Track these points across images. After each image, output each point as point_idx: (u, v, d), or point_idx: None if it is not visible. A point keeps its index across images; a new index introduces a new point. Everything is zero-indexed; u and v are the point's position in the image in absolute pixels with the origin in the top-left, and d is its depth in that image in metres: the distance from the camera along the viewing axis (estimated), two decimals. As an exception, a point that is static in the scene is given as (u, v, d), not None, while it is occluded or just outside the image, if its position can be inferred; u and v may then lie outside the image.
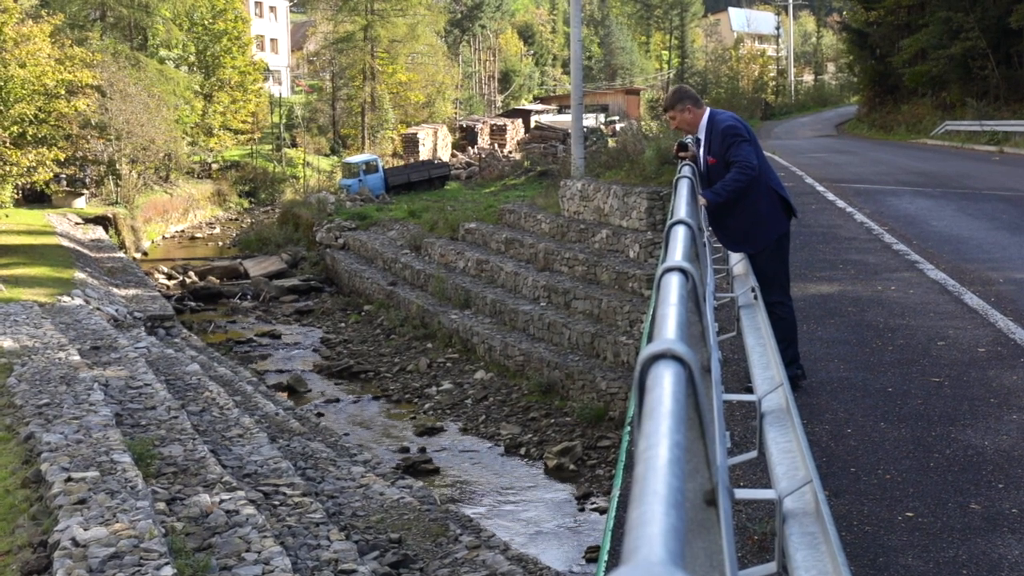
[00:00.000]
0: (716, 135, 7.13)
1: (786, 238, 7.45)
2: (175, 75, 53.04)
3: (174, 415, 13.12)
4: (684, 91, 7.48)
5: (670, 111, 7.36)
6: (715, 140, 7.14)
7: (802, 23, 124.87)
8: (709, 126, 7.19)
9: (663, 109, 7.57)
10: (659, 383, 1.59)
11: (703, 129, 7.23)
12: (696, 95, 7.46)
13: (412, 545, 11.59)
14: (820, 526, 2.83)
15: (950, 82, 45.90)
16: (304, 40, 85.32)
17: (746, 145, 7.10)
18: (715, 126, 7.17)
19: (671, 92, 7.57)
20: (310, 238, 38.78)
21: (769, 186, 7.30)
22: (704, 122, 7.26)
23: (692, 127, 7.34)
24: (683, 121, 7.31)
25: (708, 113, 7.31)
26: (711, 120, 7.21)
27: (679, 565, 1.07)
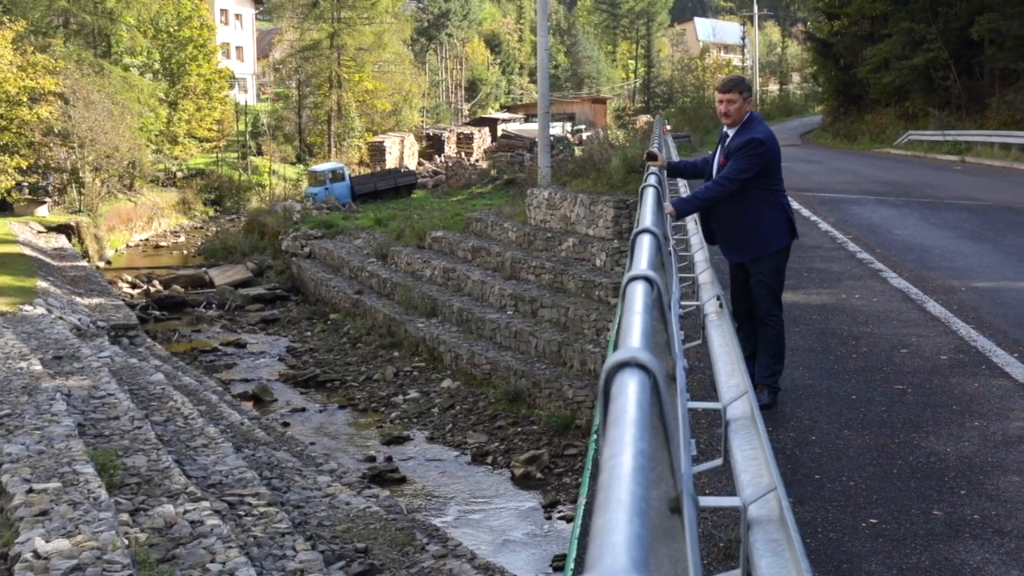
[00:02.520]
0: (740, 139, 6.99)
1: (785, 252, 7.27)
2: (139, 82, 52.67)
3: (138, 425, 13.00)
4: (747, 83, 7.30)
5: (731, 92, 7.02)
6: (736, 143, 7.00)
7: (767, 33, 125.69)
8: (743, 128, 7.04)
9: (725, 89, 7.05)
10: (623, 391, 1.59)
11: (736, 127, 7.08)
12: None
13: (378, 555, 11.54)
14: (784, 533, 2.83)
15: (913, 92, 46.32)
16: (270, 48, 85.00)
17: (755, 160, 6.94)
18: (748, 130, 7.03)
19: (736, 77, 7.34)
20: (276, 247, 38.61)
21: (780, 203, 7.16)
22: (741, 122, 7.09)
23: (735, 119, 7.06)
24: (732, 108, 7.03)
25: (749, 115, 7.14)
26: (747, 123, 7.06)
27: (643, 573, 1.06)
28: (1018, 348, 8.53)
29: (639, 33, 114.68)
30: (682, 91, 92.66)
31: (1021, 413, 6.87)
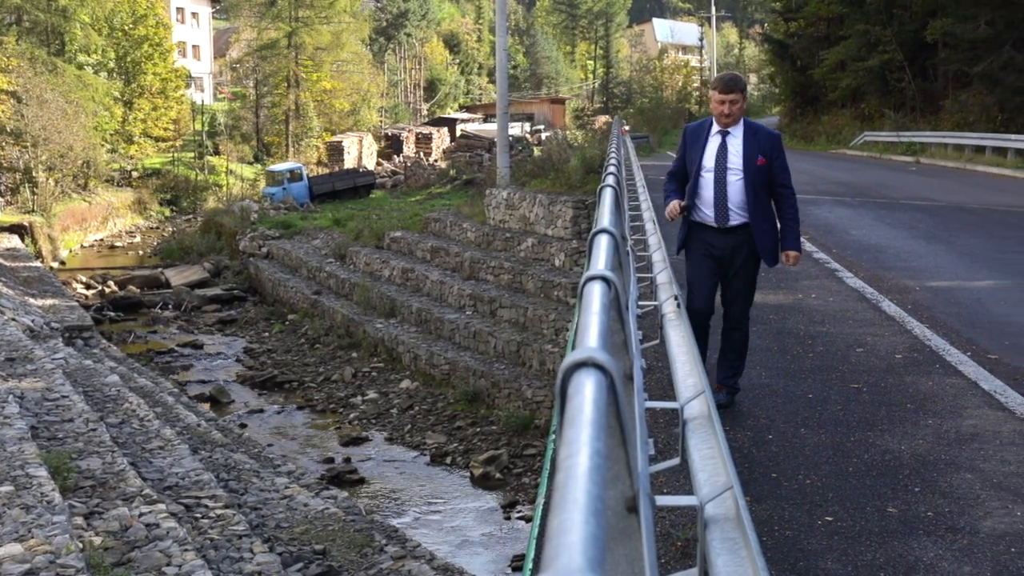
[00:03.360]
0: (763, 137, 6.93)
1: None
2: (94, 81, 52.17)
3: (92, 427, 12.86)
4: (745, 82, 7.16)
5: (735, 92, 6.84)
6: (763, 142, 6.89)
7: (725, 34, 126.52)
8: (748, 126, 6.95)
9: (728, 89, 6.82)
10: (580, 391, 1.59)
11: (740, 127, 6.91)
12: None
13: (337, 556, 11.49)
14: (741, 531, 2.85)
15: (868, 94, 46.83)
16: (227, 47, 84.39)
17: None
18: (757, 128, 7.01)
19: (737, 76, 7.10)
20: (233, 247, 38.36)
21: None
22: (741, 121, 6.98)
23: (736, 119, 6.90)
24: (736, 109, 6.86)
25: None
26: (748, 121, 7.00)
27: (598, 572, 1.06)
28: (971, 347, 8.64)
29: (598, 34, 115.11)
30: (640, 92, 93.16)
31: (974, 411, 6.95)
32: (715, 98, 6.92)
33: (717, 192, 6.89)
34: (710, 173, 6.91)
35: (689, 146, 7.09)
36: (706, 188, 6.93)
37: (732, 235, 6.92)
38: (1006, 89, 35.26)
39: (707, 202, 6.94)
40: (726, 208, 6.89)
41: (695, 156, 7.00)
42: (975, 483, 5.70)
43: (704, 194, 6.95)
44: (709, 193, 6.92)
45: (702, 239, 7.01)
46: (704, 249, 7.02)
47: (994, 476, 5.79)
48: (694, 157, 7.01)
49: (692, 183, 7.02)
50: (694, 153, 7.02)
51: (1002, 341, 8.85)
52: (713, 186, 6.90)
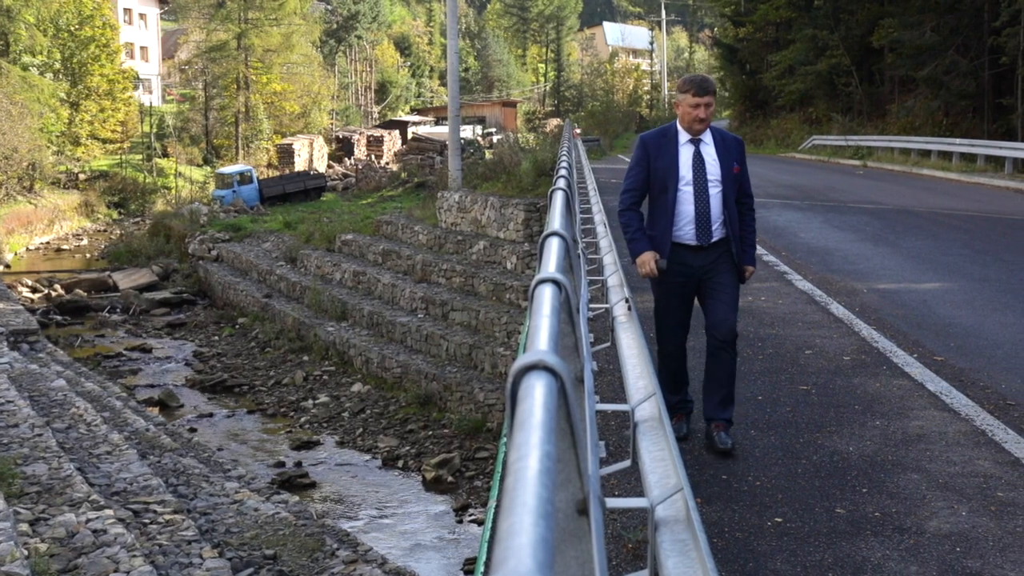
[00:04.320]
0: (731, 143, 6.41)
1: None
2: (39, 82, 51.53)
3: (38, 432, 12.69)
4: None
5: (710, 95, 6.25)
6: (732, 148, 6.37)
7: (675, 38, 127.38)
8: (714, 132, 6.38)
9: (704, 91, 6.22)
10: (530, 394, 1.59)
11: (707, 133, 6.32)
12: None
13: (288, 561, 11.42)
14: (691, 533, 2.86)
15: (817, 98, 47.36)
16: (175, 48, 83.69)
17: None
18: (723, 133, 6.45)
19: (708, 78, 6.48)
20: (182, 250, 38.04)
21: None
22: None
23: (707, 124, 6.33)
24: (710, 113, 6.29)
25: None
26: (711, 126, 6.42)
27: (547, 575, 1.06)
28: (917, 348, 8.74)
29: (549, 37, 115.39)
30: (591, 95, 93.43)
31: (920, 412, 7.03)
32: (688, 102, 6.24)
33: (699, 207, 6.26)
34: (689, 187, 6.25)
35: (654, 158, 6.34)
36: (685, 203, 6.26)
37: (711, 252, 6.31)
38: (951, 93, 35.79)
39: (686, 219, 6.27)
40: (708, 224, 6.27)
41: (665, 169, 6.28)
42: (921, 484, 5.76)
43: (683, 210, 6.26)
44: (689, 208, 6.26)
45: (677, 262, 6.28)
46: (677, 274, 6.31)
47: (940, 476, 5.87)
48: (664, 170, 6.28)
49: (663, 200, 6.31)
50: (663, 165, 6.29)
51: (947, 343, 8.97)
52: (694, 201, 6.25)
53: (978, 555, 4.82)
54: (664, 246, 6.28)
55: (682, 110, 6.34)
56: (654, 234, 6.35)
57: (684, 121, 6.32)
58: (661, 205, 6.34)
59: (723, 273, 6.36)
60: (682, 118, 6.34)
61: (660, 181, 6.31)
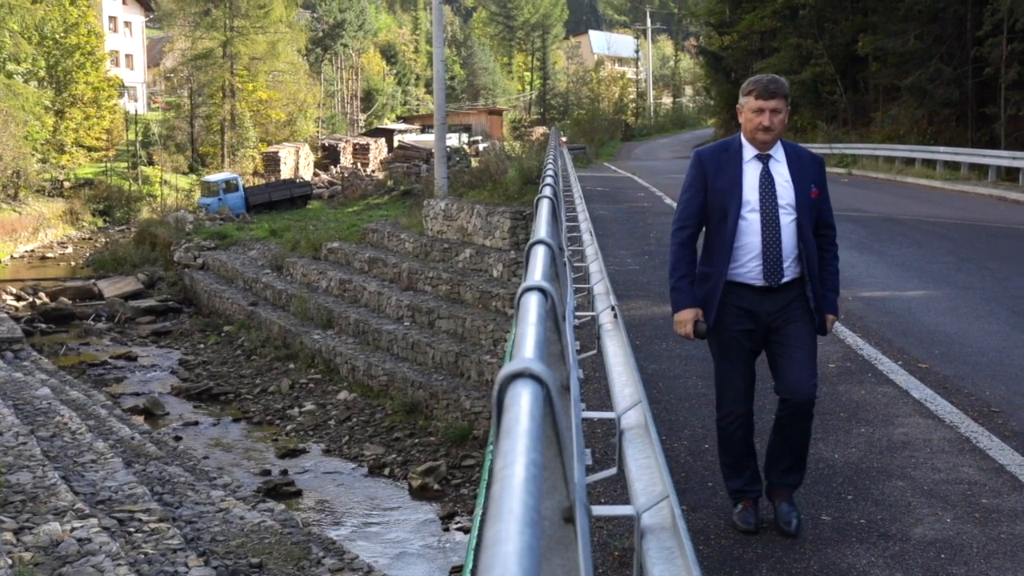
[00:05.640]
0: (808, 162, 5.27)
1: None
2: (24, 90, 51.35)
3: (22, 441, 12.65)
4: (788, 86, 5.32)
5: (778, 99, 5.11)
6: (809, 167, 5.25)
7: (660, 47, 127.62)
8: (788, 148, 5.26)
9: (770, 93, 5.06)
10: (516, 402, 1.59)
11: (779, 148, 5.22)
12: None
13: (273, 569, 11.39)
14: (677, 541, 2.87)
15: (801, 106, 47.48)
16: (161, 56, 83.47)
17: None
18: (798, 150, 5.32)
19: (779, 78, 5.26)
20: (168, 258, 37.95)
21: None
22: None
23: (778, 137, 5.21)
24: (778, 121, 5.13)
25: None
26: (784, 140, 5.30)
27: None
28: (902, 356, 8.78)
29: (534, 45, 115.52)
30: (577, 103, 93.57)
31: (905, 419, 7.06)
32: (750, 106, 5.13)
33: (767, 238, 5.09)
34: (755, 213, 5.09)
35: (713, 178, 5.18)
36: (749, 234, 5.09)
37: (781, 295, 5.15)
38: (935, 102, 35.97)
39: (750, 253, 5.09)
40: (779, 260, 5.10)
41: (725, 191, 5.12)
42: (906, 491, 5.79)
43: (747, 242, 5.09)
44: (754, 240, 5.09)
45: (737, 305, 5.13)
46: (739, 320, 5.15)
47: (925, 483, 5.89)
48: (723, 192, 5.12)
49: (722, 230, 5.14)
50: (723, 186, 5.13)
51: (932, 350, 9.01)
52: (761, 230, 5.09)
53: (963, 562, 4.85)
54: (714, 290, 5.13)
55: (744, 117, 5.20)
56: (709, 271, 5.17)
57: (747, 131, 5.19)
58: (719, 236, 5.16)
59: (797, 323, 5.17)
60: (745, 127, 5.20)
61: (719, 206, 5.13)
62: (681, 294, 5.19)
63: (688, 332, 5.15)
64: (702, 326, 5.14)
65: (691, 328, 5.13)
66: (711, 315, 5.14)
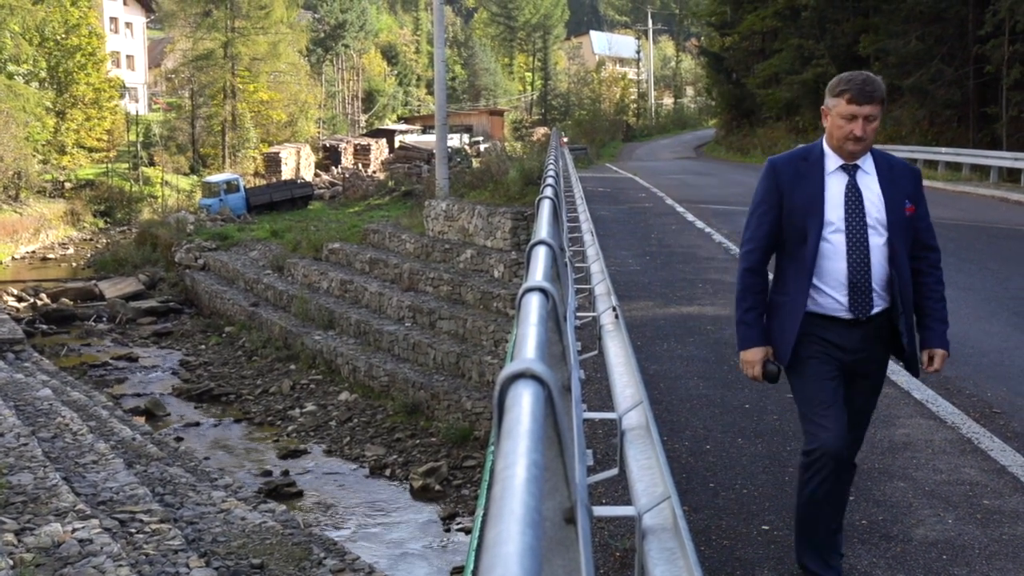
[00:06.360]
0: (901, 172, 4.50)
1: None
2: (25, 91, 51.37)
3: (23, 442, 12.65)
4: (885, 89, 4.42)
5: (874, 104, 4.28)
6: (902, 179, 4.48)
7: (662, 47, 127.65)
8: (879, 157, 4.48)
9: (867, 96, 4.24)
10: (517, 403, 1.59)
11: (869, 158, 4.44)
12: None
13: (274, 570, 11.38)
14: (678, 541, 2.86)
15: (803, 106, 47.47)
16: (162, 57, 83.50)
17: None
18: (891, 160, 4.53)
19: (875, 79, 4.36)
20: (169, 259, 37.95)
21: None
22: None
23: (867, 146, 4.40)
24: (871, 130, 4.33)
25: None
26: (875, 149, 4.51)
27: (535, 584, 1.07)
28: (903, 356, 8.76)
29: (536, 46, 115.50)
30: (579, 104, 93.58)
31: (906, 420, 7.06)
32: (839, 110, 4.31)
33: (854, 262, 4.35)
34: (840, 234, 4.36)
35: (789, 191, 4.44)
36: (834, 258, 4.36)
37: (867, 329, 4.43)
38: (936, 102, 35.96)
39: (835, 280, 4.37)
40: (868, 289, 4.37)
41: (805, 207, 4.38)
42: (908, 491, 5.78)
43: (830, 267, 4.36)
44: (839, 265, 4.35)
45: (822, 339, 4.40)
46: (825, 355, 4.40)
47: (926, 484, 5.89)
48: (803, 208, 4.39)
49: (801, 253, 4.41)
50: (801, 201, 4.40)
51: (933, 351, 8.99)
52: (846, 253, 4.35)
53: (964, 563, 4.84)
54: (789, 322, 4.42)
55: (831, 122, 4.39)
56: (783, 300, 4.48)
57: (833, 139, 4.40)
58: (797, 260, 4.44)
59: (872, 361, 4.53)
60: (830, 134, 4.41)
61: (797, 225, 4.41)
62: (749, 329, 4.51)
63: (756, 374, 4.50)
64: (773, 367, 4.48)
65: (760, 370, 4.48)
66: (785, 351, 4.42)
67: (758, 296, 4.49)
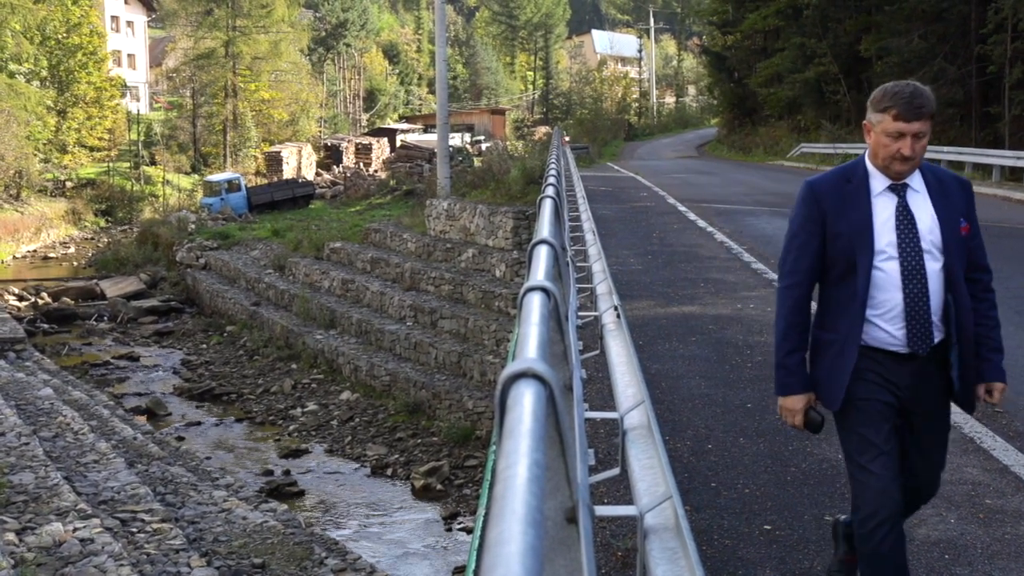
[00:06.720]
0: (953, 189, 4.07)
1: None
2: (26, 90, 51.40)
3: (25, 441, 12.65)
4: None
5: (925, 120, 3.89)
6: (954, 195, 4.06)
7: (663, 46, 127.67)
8: (928, 172, 4.06)
9: (915, 112, 3.84)
10: (519, 402, 1.59)
11: (917, 175, 4.03)
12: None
13: (276, 570, 11.38)
14: (680, 541, 2.86)
15: (805, 105, 47.52)
16: (163, 56, 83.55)
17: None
18: (939, 173, 4.11)
19: (925, 92, 3.94)
20: (170, 258, 37.96)
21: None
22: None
23: (916, 164, 3.98)
24: (920, 148, 3.92)
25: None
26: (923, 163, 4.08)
27: (536, 584, 1.06)
28: (905, 355, 8.75)
29: (537, 45, 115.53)
30: (580, 103, 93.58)
31: (909, 419, 7.04)
32: (885, 127, 3.91)
33: (911, 293, 3.94)
34: (893, 262, 3.95)
35: (834, 218, 4.01)
36: (888, 288, 3.95)
37: (926, 363, 4.03)
38: (939, 101, 35.83)
39: (890, 312, 3.96)
40: (927, 319, 3.96)
41: (852, 235, 3.97)
42: (910, 490, 5.77)
43: (884, 299, 3.95)
44: (894, 296, 3.94)
45: (877, 374, 3.97)
46: (878, 389, 3.97)
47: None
48: (851, 237, 3.97)
49: (849, 285, 3.99)
50: (847, 228, 3.98)
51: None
52: (902, 283, 3.94)
53: (967, 562, 4.83)
54: (840, 362, 3.99)
55: (875, 140, 3.98)
56: (831, 338, 4.04)
57: (878, 157, 3.98)
58: (845, 292, 4.01)
59: (931, 397, 4.11)
60: (874, 151, 4.00)
61: (843, 255, 3.98)
62: (790, 375, 4.06)
63: (798, 423, 4.08)
64: (816, 416, 4.05)
65: (802, 419, 4.06)
66: (835, 397, 3.97)
67: (802, 336, 4.06)
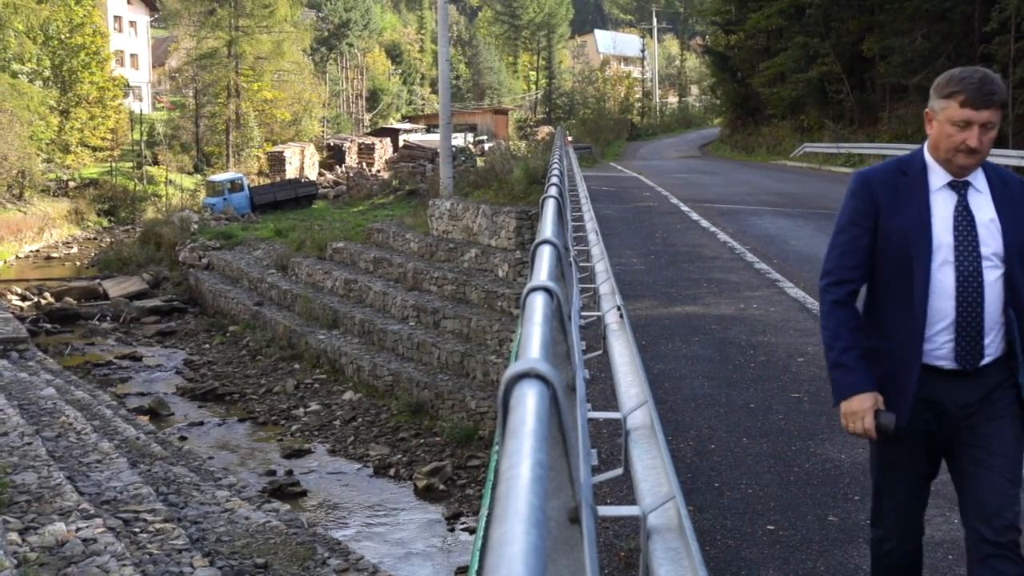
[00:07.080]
0: (1017, 190, 3.71)
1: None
2: (29, 90, 51.43)
3: (27, 441, 12.65)
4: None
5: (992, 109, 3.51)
6: (1019, 197, 3.70)
7: (666, 46, 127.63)
8: (990, 171, 3.72)
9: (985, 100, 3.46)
10: (522, 403, 1.58)
11: (980, 173, 3.68)
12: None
13: (278, 570, 11.38)
14: (683, 541, 2.85)
15: (808, 105, 47.47)
16: (166, 56, 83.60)
17: None
18: (1002, 174, 3.75)
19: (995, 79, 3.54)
20: (173, 258, 37.99)
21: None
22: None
23: (982, 159, 3.64)
24: (988, 140, 3.58)
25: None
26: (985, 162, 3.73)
27: (539, 585, 1.06)
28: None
29: (540, 45, 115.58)
30: (583, 103, 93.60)
31: (912, 419, 7.02)
32: (950, 114, 3.53)
33: (965, 303, 3.57)
34: (948, 266, 3.58)
35: (888, 212, 3.66)
36: (941, 295, 3.58)
37: (978, 381, 3.62)
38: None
39: (941, 322, 3.59)
40: (980, 333, 3.59)
41: (907, 232, 3.61)
42: (914, 490, 5.75)
43: (937, 306, 3.58)
44: (946, 305, 3.58)
45: (919, 396, 3.62)
46: (919, 417, 3.63)
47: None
48: (907, 234, 3.61)
49: (902, 286, 3.63)
50: (904, 226, 3.62)
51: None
52: (956, 291, 3.57)
53: (971, 563, 4.81)
54: (906, 376, 3.61)
55: (938, 129, 3.61)
56: (888, 348, 3.67)
57: (940, 150, 3.62)
58: (899, 297, 3.65)
59: (999, 420, 3.61)
60: (935, 143, 3.64)
61: (897, 254, 3.63)
62: (850, 373, 3.64)
63: (867, 427, 3.59)
64: (887, 418, 3.57)
65: (871, 421, 3.58)
66: (903, 411, 3.58)
67: (855, 333, 3.66)
